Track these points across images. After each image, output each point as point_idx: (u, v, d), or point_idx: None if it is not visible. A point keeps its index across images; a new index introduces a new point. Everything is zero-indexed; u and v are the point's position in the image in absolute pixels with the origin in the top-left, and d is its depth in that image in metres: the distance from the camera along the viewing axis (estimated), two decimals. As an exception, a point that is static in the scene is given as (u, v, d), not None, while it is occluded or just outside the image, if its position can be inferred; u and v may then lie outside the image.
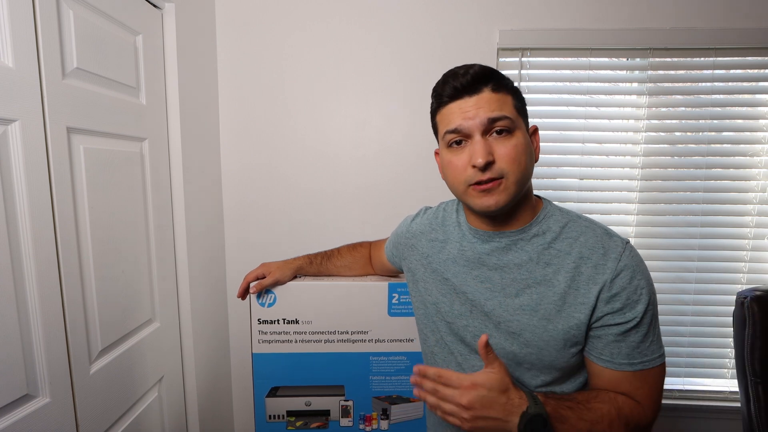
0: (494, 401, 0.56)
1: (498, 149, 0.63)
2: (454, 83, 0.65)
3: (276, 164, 1.50)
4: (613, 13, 1.39)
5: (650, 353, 0.64)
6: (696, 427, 1.57)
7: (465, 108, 0.64)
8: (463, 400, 0.56)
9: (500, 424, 0.56)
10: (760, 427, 1.10)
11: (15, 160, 0.69)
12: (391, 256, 0.98)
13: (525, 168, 0.64)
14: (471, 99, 0.64)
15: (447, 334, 0.76)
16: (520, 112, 0.67)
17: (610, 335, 0.64)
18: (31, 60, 0.72)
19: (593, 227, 0.69)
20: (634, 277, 0.63)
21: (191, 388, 1.27)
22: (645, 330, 0.63)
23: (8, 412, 0.69)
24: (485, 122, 0.62)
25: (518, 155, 0.63)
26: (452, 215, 0.81)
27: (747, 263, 1.50)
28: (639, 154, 1.47)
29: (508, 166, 0.63)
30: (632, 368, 0.63)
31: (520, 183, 0.64)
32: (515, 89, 0.67)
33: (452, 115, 0.65)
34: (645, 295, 0.63)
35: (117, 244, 0.96)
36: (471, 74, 0.64)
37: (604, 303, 0.63)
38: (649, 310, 0.63)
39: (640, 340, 0.63)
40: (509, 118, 0.63)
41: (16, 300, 0.69)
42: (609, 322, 0.63)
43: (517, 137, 0.64)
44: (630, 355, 0.63)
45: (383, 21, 1.43)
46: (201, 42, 1.32)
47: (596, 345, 0.65)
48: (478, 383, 0.57)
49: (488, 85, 0.64)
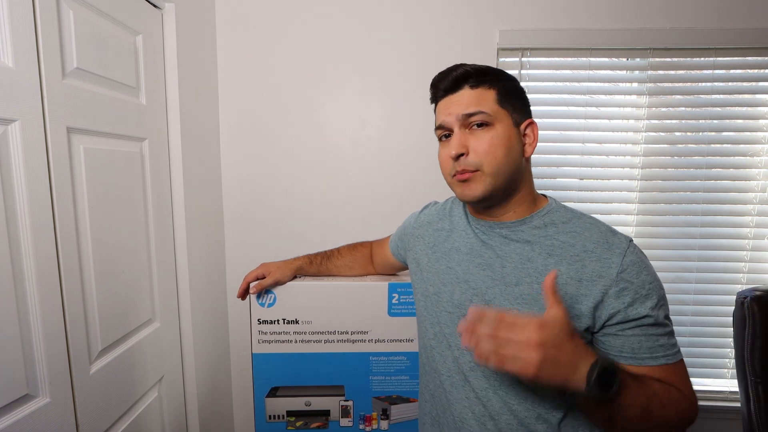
0: (564, 343, 0.51)
1: (472, 142, 0.68)
2: (439, 85, 0.72)
3: (276, 164, 1.50)
4: (613, 13, 1.39)
5: (670, 347, 0.64)
6: (696, 427, 1.56)
7: (447, 105, 0.70)
8: (535, 336, 0.50)
9: (567, 373, 0.51)
10: (760, 427, 1.10)
11: (15, 160, 0.69)
12: (395, 248, 1.00)
13: (501, 159, 0.67)
14: (453, 97, 0.70)
15: (446, 326, 0.76)
16: (505, 105, 0.69)
17: (628, 330, 0.63)
18: (31, 60, 0.72)
19: (597, 224, 0.70)
20: (641, 272, 0.64)
21: (191, 388, 1.27)
22: (662, 323, 0.64)
23: (8, 412, 0.69)
24: (460, 117, 0.68)
25: (492, 147, 0.66)
26: (459, 206, 0.84)
27: (747, 263, 1.50)
28: (639, 154, 1.47)
29: (481, 158, 0.67)
30: (656, 362, 0.63)
31: (497, 174, 0.67)
32: (505, 83, 0.70)
33: (439, 113, 0.72)
34: (654, 290, 0.64)
35: (117, 244, 0.96)
36: (452, 76, 0.70)
37: (614, 298, 0.63)
38: (661, 306, 0.64)
39: (659, 333, 0.63)
40: (485, 112, 0.67)
41: (16, 300, 0.69)
42: (624, 318, 0.63)
43: (496, 130, 0.67)
44: (651, 348, 0.63)
45: (383, 21, 1.42)
46: (201, 42, 1.32)
47: (615, 343, 0.64)
48: (548, 322, 0.51)
49: (467, 82, 0.69)
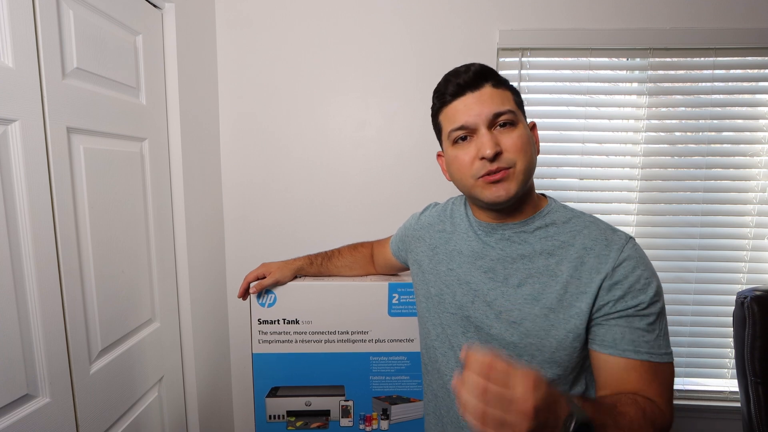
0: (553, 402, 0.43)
1: (504, 141, 0.65)
2: (457, 80, 0.68)
3: (276, 164, 1.50)
4: (613, 13, 1.39)
5: (657, 347, 0.61)
6: (696, 427, 1.57)
7: (469, 104, 0.67)
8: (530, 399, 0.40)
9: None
10: (760, 427, 1.10)
11: (15, 160, 0.69)
12: (396, 250, 0.99)
13: (531, 158, 0.67)
14: (474, 95, 0.67)
15: (449, 327, 0.76)
16: (520, 107, 0.70)
17: (612, 320, 0.62)
18: (31, 60, 0.72)
19: (597, 222, 0.70)
20: (637, 267, 0.63)
21: (191, 388, 1.27)
22: (651, 320, 0.61)
23: (8, 412, 0.69)
24: (490, 116, 0.65)
25: (524, 145, 0.66)
26: (460, 208, 0.83)
27: (747, 263, 1.50)
28: (639, 154, 1.47)
29: (515, 156, 0.65)
30: (638, 356, 0.60)
31: (527, 172, 0.67)
32: (513, 87, 0.71)
33: (457, 113, 0.68)
34: (650, 286, 0.62)
35: (117, 244, 0.96)
36: (473, 71, 0.67)
37: (606, 291, 0.63)
38: (655, 301, 0.62)
39: (645, 328, 0.61)
40: (512, 111, 0.66)
41: (16, 300, 0.69)
42: (611, 309, 0.62)
43: (521, 129, 0.67)
44: (635, 342, 0.61)
45: (384, 21, 1.42)
46: (201, 42, 1.32)
47: (598, 332, 0.63)
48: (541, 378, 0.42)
49: (489, 81, 0.67)
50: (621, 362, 0.61)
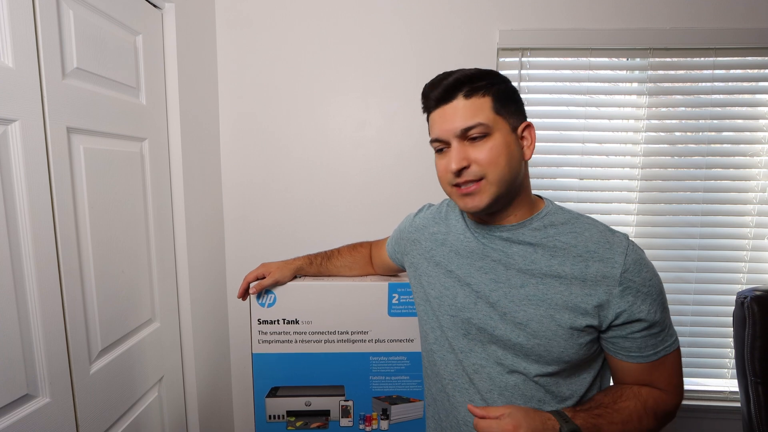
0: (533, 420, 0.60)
1: (473, 153, 0.66)
2: (431, 95, 0.69)
3: (276, 164, 1.50)
4: (613, 13, 1.39)
5: (663, 344, 0.67)
6: (696, 427, 1.57)
7: (443, 117, 0.68)
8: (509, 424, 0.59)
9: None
10: (760, 427, 1.10)
11: (15, 160, 0.69)
12: (392, 252, 0.99)
13: (504, 167, 0.66)
14: (445, 108, 0.67)
15: (449, 329, 0.76)
16: (501, 112, 0.67)
17: (631, 333, 0.66)
18: (31, 60, 0.72)
19: (596, 224, 0.71)
20: (642, 270, 0.65)
21: (191, 388, 1.27)
22: (660, 321, 0.66)
23: (8, 412, 0.69)
24: (458, 132, 0.66)
25: (494, 157, 0.65)
26: (455, 209, 0.83)
27: (747, 263, 1.50)
28: (639, 154, 1.47)
29: (485, 168, 0.65)
30: (647, 360, 0.67)
31: (501, 182, 0.66)
32: (499, 87, 0.67)
33: (434, 125, 0.70)
34: (654, 287, 0.66)
35: (117, 244, 0.96)
36: (443, 86, 0.67)
37: (619, 297, 0.64)
38: (659, 301, 0.66)
39: (657, 332, 0.66)
40: (483, 123, 0.65)
41: (16, 300, 0.69)
42: (628, 318, 0.65)
43: (495, 139, 0.66)
44: (644, 348, 0.67)
45: (384, 21, 1.42)
46: (201, 42, 1.32)
47: (619, 344, 0.67)
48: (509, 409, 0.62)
49: (461, 91, 0.66)
50: (636, 366, 0.68)
